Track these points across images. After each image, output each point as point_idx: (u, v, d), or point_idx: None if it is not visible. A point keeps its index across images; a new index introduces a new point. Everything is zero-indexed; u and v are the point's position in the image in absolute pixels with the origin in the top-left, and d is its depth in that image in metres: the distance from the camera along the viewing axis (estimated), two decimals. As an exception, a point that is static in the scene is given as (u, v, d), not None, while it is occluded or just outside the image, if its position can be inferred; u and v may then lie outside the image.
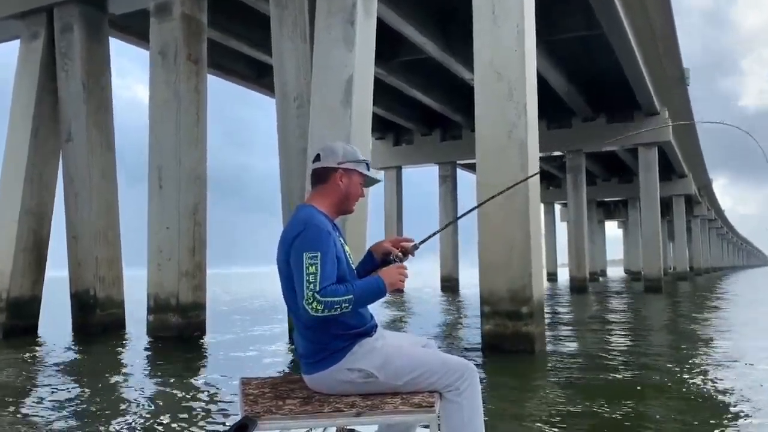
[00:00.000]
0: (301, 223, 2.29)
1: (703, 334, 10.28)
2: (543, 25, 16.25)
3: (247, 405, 2.21)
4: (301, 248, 2.21)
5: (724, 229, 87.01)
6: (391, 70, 18.87)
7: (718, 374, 6.50)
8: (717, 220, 69.81)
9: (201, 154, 10.53)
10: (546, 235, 43.56)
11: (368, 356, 2.30)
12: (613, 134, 24.11)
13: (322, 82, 8.68)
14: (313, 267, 2.17)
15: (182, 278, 10.00)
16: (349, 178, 2.46)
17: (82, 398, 5.68)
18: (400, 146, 28.18)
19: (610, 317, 14.15)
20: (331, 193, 2.45)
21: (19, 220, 11.00)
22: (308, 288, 2.15)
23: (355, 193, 2.48)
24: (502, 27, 8.24)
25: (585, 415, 4.77)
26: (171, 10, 10.30)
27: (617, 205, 52.62)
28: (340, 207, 2.47)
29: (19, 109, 11.54)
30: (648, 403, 5.12)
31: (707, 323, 12.13)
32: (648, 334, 10.74)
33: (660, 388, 5.79)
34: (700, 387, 5.82)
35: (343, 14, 8.59)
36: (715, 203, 60.00)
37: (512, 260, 7.93)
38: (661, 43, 18.55)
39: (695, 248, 52.02)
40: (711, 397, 5.39)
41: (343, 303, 2.18)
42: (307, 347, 2.34)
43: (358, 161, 2.48)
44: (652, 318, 13.77)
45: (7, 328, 10.70)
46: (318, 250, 2.20)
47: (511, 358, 7.59)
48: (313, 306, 2.14)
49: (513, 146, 8.06)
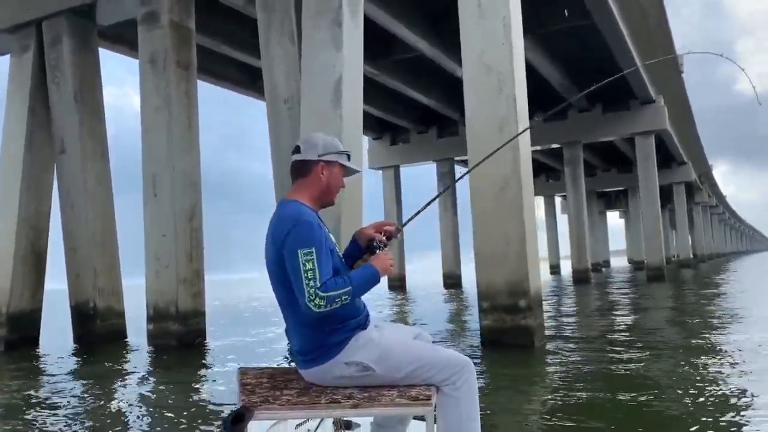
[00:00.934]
0: (289, 219, 2.27)
1: (705, 323, 10.25)
2: (534, 17, 16.28)
3: (245, 395, 2.22)
4: (294, 246, 2.20)
5: (726, 215, 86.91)
6: (385, 70, 18.85)
7: (721, 367, 6.48)
8: (719, 206, 69.76)
9: (194, 160, 10.52)
10: (547, 228, 43.59)
11: (365, 349, 2.31)
12: (609, 124, 24.12)
13: (311, 83, 8.66)
14: (310, 263, 2.16)
15: (180, 285, 9.99)
16: (330, 170, 2.45)
17: (84, 407, 5.68)
18: (397, 145, 28.16)
19: (610, 308, 14.14)
20: (312, 185, 2.44)
21: (17, 233, 11.00)
22: (308, 285, 2.14)
23: (336, 185, 2.48)
24: (488, 20, 8.23)
25: (584, 409, 4.75)
26: (159, 18, 10.29)
27: (618, 195, 52.53)
28: (322, 199, 2.47)
29: (13, 122, 11.55)
30: (649, 395, 5.10)
31: (709, 312, 12.10)
32: (649, 324, 10.72)
33: (661, 381, 5.77)
34: (702, 379, 5.80)
35: (330, 15, 8.57)
36: (716, 190, 59.95)
37: (508, 254, 7.92)
38: (654, 31, 18.52)
39: (697, 235, 51.94)
40: (712, 391, 5.37)
41: (343, 295, 2.18)
42: (303, 344, 2.34)
43: (338, 152, 2.47)
44: (653, 308, 13.74)
45: (8, 341, 10.70)
46: (312, 246, 2.19)
47: (510, 352, 7.57)
48: (316, 302, 2.14)
49: (505, 140, 8.01)
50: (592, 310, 13.59)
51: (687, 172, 37.32)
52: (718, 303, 13.54)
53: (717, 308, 12.27)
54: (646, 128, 23.59)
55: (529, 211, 8.12)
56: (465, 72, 8.46)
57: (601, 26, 16.14)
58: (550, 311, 12.90)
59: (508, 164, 7.98)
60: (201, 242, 10.47)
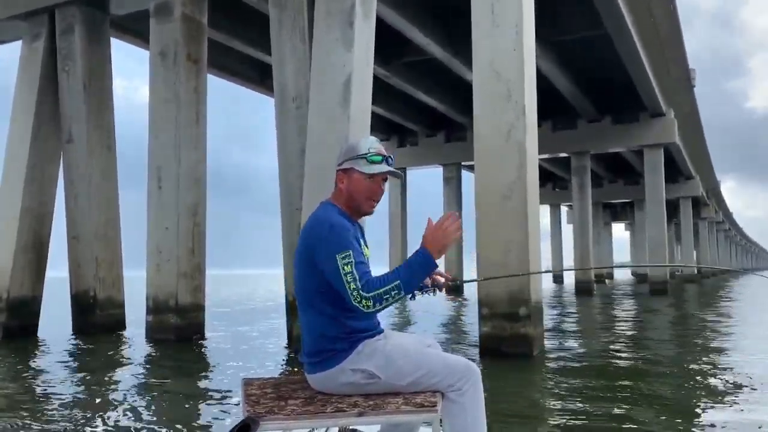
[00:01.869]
0: (322, 223, 2.28)
1: (704, 341, 10.18)
2: (547, 27, 16.24)
3: (249, 405, 2.23)
4: (331, 251, 2.20)
5: (732, 231, 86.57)
6: (396, 72, 18.85)
7: (717, 382, 6.42)
8: (725, 222, 69.50)
9: (200, 155, 10.51)
10: (552, 237, 43.50)
11: (371, 357, 2.31)
12: (618, 135, 24.04)
13: (320, 82, 8.64)
14: (349, 266, 2.16)
15: (181, 279, 9.98)
16: (348, 177, 2.40)
17: (81, 398, 5.66)
18: (405, 148, 28.14)
19: (611, 320, 14.06)
20: (338, 195, 2.43)
21: (20, 220, 11.01)
22: (351, 288, 2.15)
23: (358, 191, 2.39)
24: (501, 27, 8.18)
25: (577, 420, 4.71)
26: (171, 11, 10.29)
27: (624, 207, 52.38)
28: (351, 208, 2.42)
29: (21, 109, 11.56)
30: (645, 407, 5.05)
31: (710, 329, 12.02)
32: (648, 337, 10.65)
33: (658, 393, 5.71)
34: (698, 393, 5.75)
35: (342, 15, 8.55)
36: (722, 205, 59.71)
37: (510, 261, 7.85)
38: (666, 44, 18.45)
39: (702, 250, 51.76)
40: (707, 405, 5.32)
41: (392, 291, 2.15)
42: (312, 345, 2.35)
43: (355, 157, 2.39)
44: (653, 321, 13.66)
45: (7, 328, 10.71)
46: (348, 248, 2.19)
47: (509, 361, 7.51)
48: (363, 304, 2.15)
49: (512, 147, 8.00)
50: (593, 322, 13.51)
51: (694, 186, 37.18)
52: (719, 319, 13.44)
53: (717, 325, 12.19)
54: (655, 141, 23.51)
55: (534, 219, 8.06)
56: (475, 77, 8.42)
57: (614, 37, 16.08)
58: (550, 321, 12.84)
59: (514, 170, 7.92)
60: (203, 237, 10.46)
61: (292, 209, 9.19)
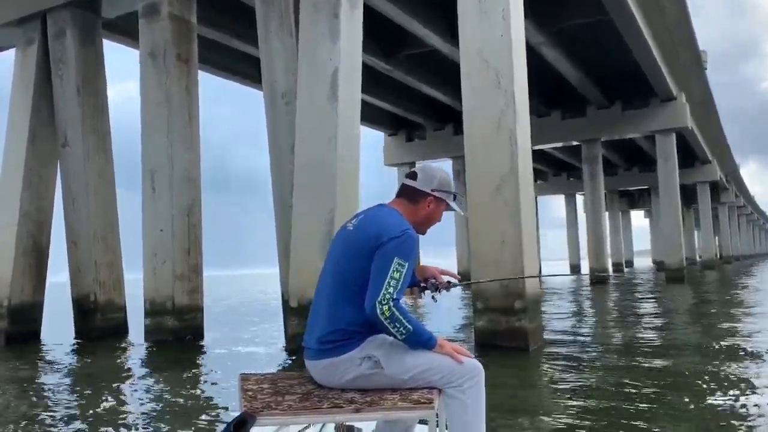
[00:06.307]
0: (402, 228, 2.33)
1: (715, 327, 9.93)
2: (551, 13, 15.96)
3: (246, 401, 2.24)
4: (394, 252, 2.27)
5: (755, 215, 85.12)
6: (398, 65, 18.64)
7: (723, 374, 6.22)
8: (746, 206, 68.28)
9: (194, 156, 10.43)
10: (567, 227, 43.04)
11: (377, 347, 2.35)
12: (628, 122, 23.63)
13: (308, 76, 8.49)
14: (398, 274, 2.24)
15: (177, 281, 9.92)
16: (437, 205, 2.54)
17: (83, 401, 5.65)
18: (413, 142, 27.94)
19: (618, 310, 13.80)
20: (415, 213, 2.52)
21: (19, 226, 11.00)
22: (387, 291, 2.22)
23: (435, 220, 2.59)
24: (488, 13, 7.99)
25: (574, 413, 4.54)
26: (159, 11, 10.21)
27: (642, 195, 51.64)
28: (417, 227, 2.50)
29: (17, 115, 11.56)
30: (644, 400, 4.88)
31: (723, 314, 11.74)
32: (653, 327, 10.39)
33: (658, 385, 5.52)
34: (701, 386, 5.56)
35: (328, 7, 8.39)
36: (743, 189, 58.62)
37: (504, 254, 7.68)
38: (673, 27, 18.03)
39: (723, 236, 50.91)
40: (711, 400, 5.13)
41: (402, 327, 2.25)
42: (329, 330, 2.35)
43: (449, 192, 2.56)
44: (663, 311, 13.38)
45: (8, 334, 10.71)
46: (408, 261, 2.28)
47: (505, 354, 7.34)
48: (384, 308, 2.21)
49: (503, 137, 7.81)
50: (600, 314, 13.26)
51: (712, 171, 36.50)
52: (735, 306, 13.13)
53: (732, 311, 11.89)
54: (667, 126, 23.03)
55: (527, 211, 7.85)
56: (462, 66, 8.24)
57: (618, 22, 15.72)
58: (555, 313, 12.63)
59: (506, 162, 7.73)
60: (200, 238, 10.38)
61: (285, 207, 9.06)
